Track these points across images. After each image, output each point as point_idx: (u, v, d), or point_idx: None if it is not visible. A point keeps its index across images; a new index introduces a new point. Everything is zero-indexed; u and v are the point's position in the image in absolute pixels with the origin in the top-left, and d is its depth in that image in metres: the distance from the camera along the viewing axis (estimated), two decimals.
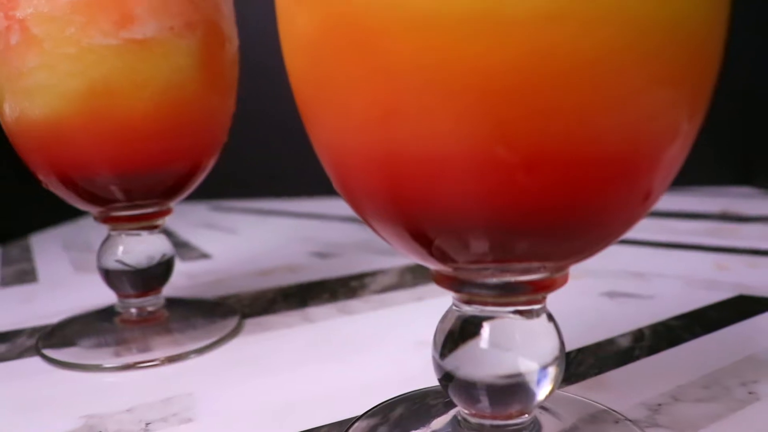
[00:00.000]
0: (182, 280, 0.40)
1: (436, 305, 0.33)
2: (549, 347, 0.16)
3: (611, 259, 0.40)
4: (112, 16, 0.24)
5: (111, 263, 0.29)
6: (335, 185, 0.16)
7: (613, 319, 0.30)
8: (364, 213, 0.16)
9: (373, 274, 0.40)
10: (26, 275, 0.44)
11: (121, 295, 0.30)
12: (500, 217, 0.13)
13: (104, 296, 0.36)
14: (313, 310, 0.33)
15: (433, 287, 0.37)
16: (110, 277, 0.30)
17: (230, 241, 0.52)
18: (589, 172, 0.12)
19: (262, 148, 0.63)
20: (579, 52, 0.11)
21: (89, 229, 0.61)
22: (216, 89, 0.27)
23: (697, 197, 0.63)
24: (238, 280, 0.40)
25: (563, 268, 0.16)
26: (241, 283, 0.39)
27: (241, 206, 0.67)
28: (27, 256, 0.50)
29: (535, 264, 0.15)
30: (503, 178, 0.12)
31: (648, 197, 0.14)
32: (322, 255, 0.46)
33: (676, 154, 0.14)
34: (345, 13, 0.12)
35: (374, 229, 0.16)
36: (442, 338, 0.17)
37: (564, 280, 0.16)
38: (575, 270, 0.37)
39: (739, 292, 0.34)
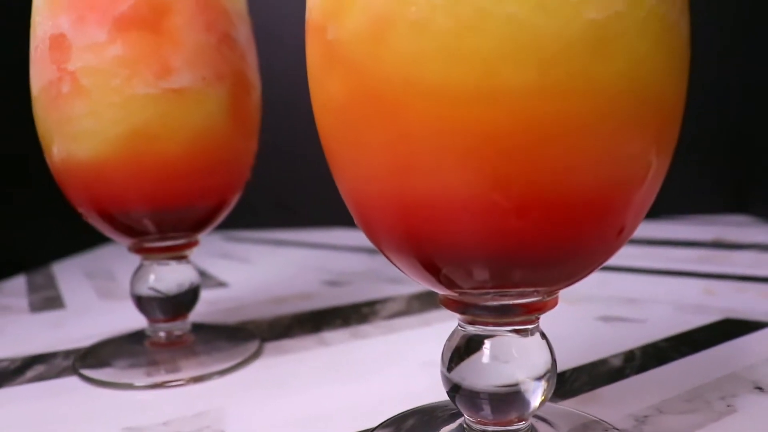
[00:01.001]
0: (202, 307, 0.42)
1: (441, 329, 0.36)
2: (542, 361, 0.18)
3: (607, 285, 0.43)
4: (152, 68, 0.27)
5: (144, 290, 0.32)
6: (357, 222, 0.19)
7: (606, 341, 0.32)
8: (381, 246, 0.19)
9: (382, 301, 0.43)
10: (53, 302, 0.47)
11: (152, 319, 0.33)
12: (498, 251, 0.16)
13: (130, 321, 0.39)
14: (328, 335, 0.36)
15: (438, 313, 0.39)
16: (142, 303, 0.32)
17: (245, 270, 0.54)
18: (570, 214, 0.15)
19: (272, 180, 0.66)
20: (562, 117, 0.14)
21: (108, 258, 0.64)
22: (242, 133, 0.30)
23: (691, 225, 0.66)
24: (255, 307, 0.42)
25: (553, 293, 0.18)
26: (258, 309, 0.42)
27: (254, 236, 0.70)
28: (51, 283, 0.53)
29: (529, 289, 0.17)
30: (500, 220, 0.15)
31: (621, 232, 0.17)
32: (333, 283, 0.48)
33: (644, 196, 0.16)
34: (369, 85, 0.15)
35: (390, 260, 0.19)
36: (449, 354, 0.19)
37: (554, 303, 0.19)
38: (573, 296, 0.40)
39: (726, 315, 0.36)
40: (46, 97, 0.28)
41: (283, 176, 0.64)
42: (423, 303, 0.42)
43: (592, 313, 0.37)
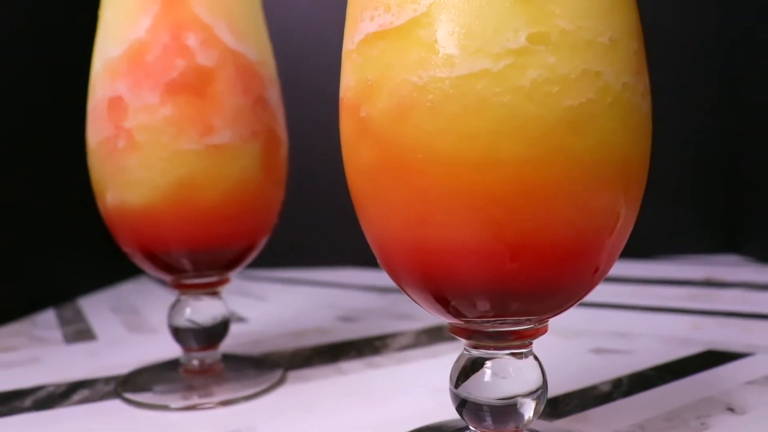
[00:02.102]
0: (227, 339, 0.46)
1: (448, 360, 0.40)
2: (534, 378, 0.22)
3: (600, 321, 0.47)
4: (197, 127, 0.32)
5: (181, 322, 0.36)
6: (380, 263, 0.23)
7: (597, 370, 0.36)
8: (400, 283, 0.23)
9: (393, 335, 0.46)
10: (85, 334, 0.51)
11: (186, 349, 0.37)
12: (497, 287, 0.20)
13: (160, 352, 0.43)
14: (344, 365, 0.40)
15: (444, 346, 0.43)
16: (179, 333, 0.36)
17: (263, 307, 0.58)
18: (553, 257, 0.19)
19: (285, 222, 0.70)
20: (547, 181, 0.18)
21: (130, 294, 0.67)
22: (272, 183, 0.35)
23: (683, 265, 0.70)
24: (275, 340, 0.46)
25: (543, 321, 0.22)
26: (279, 342, 0.45)
27: (269, 275, 0.73)
28: (80, 317, 0.57)
29: (523, 318, 0.21)
30: (498, 263, 0.19)
31: (596, 272, 0.21)
32: (346, 319, 0.52)
33: (614, 242, 0.20)
34: (394, 154, 0.19)
35: (407, 294, 0.23)
36: (456, 374, 0.23)
37: (544, 330, 0.22)
38: (568, 331, 0.44)
39: (708, 347, 0.40)
40: (103, 150, 0.33)
41: (295, 219, 0.69)
42: (430, 337, 0.45)
43: (585, 346, 0.41)
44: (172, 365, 0.39)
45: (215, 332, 0.36)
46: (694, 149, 0.76)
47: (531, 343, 0.23)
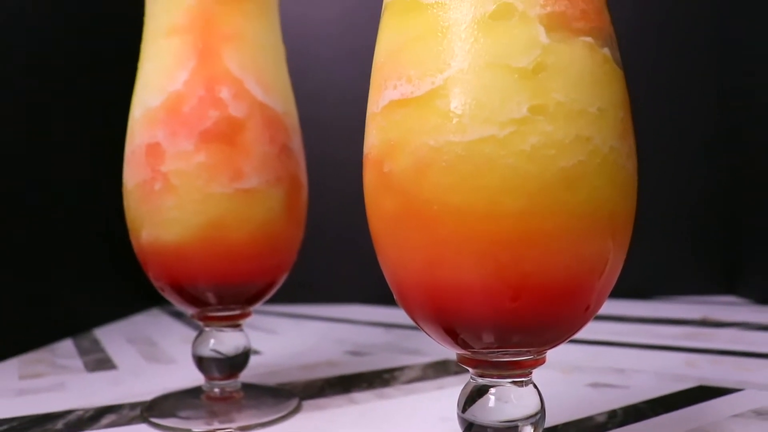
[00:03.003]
0: (244, 370, 0.49)
1: (453, 392, 0.43)
2: (533, 404, 0.25)
3: (598, 357, 0.50)
4: (227, 173, 0.35)
5: (206, 352, 0.39)
6: (397, 299, 0.26)
7: (593, 403, 0.39)
8: (414, 317, 0.26)
9: (401, 368, 0.49)
10: (105, 363, 0.54)
11: (209, 377, 0.40)
12: (500, 323, 0.23)
13: (180, 381, 0.46)
14: (356, 395, 0.43)
15: (450, 379, 0.46)
16: (203, 362, 0.39)
17: (275, 341, 0.61)
18: (549, 297, 0.22)
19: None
20: (543, 230, 0.22)
21: (144, 326, 0.71)
22: (293, 224, 0.38)
23: (682, 305, 0.73)
24: (288, 372, 0.49)
25: (541, 353, 0.25)
26: (292, 374, 0.49)
27: (279, 310, 0.77)
28: (98, 347, 0.60)
29: (523, 349, 0.25)
30: (501, 301, 0.22)
31: (587, 309, 0.24)
32: (356, 353, 0.55)
33: (603, 283, 0.24)
34: (413, 205, 0.23)
35: (420, 327, 0.26)
36: (463, 399, 0.26)
37: (543, 361, 0.26)
38: (567, 366, 0.47)
39: (701, 383, 0.43)
40: (140, 192, 0.36)
41: (303, 257, 0.72)
42: (437, 371, 0.48)
43: (583, 381, 0.44)
44: (194, 392, 0.42)
45: (237, 362, 0.39)
46: (692, 194, 0.79)
47: (531, 373, 0.26)
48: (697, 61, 0.79)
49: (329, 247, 0.78)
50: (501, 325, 0.24)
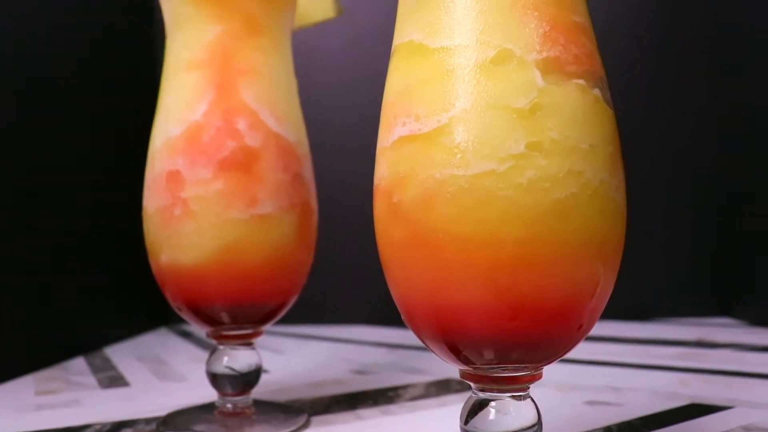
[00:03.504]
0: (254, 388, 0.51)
1: (455, 409, 0.44)
2: (530, 416, 0.27)
3: (595, 377, 0.52)
4: (244, 199, 0.37)
5: (220, 368, 0.41)
6: (404, 319, 0.28)
7: (589, 420, 0.41)
8: (420, 335, 0.28)
9: (404, 387, 0.51)
10: (118, 380, 0.56)
11: (222, 393, 0.42)
12: (500, 341, 0.26)
13: (191, 397, 0.48)
14: (362, 412, 0.45)
15: (452, 397, 0.48)
16: (217, 379, 0.41)
17: (281, 360, 0.63)
18: (544, 317, 0.25)
19: None
20: (539, 256, 0.24)
21: (153, 345, 0.73)
22: (305, 248, 0.40)
23: (678, 327, 0.75)
24: (296, 390, 0.51)
25: (538, 369, 0.28)
26: (299, 392, 0.51)
27: (284, 331, 0.79)
28: (110, 365, 0.62)
29: (521, 365, 0.27)
30: (501, 321, 0.24)
31: (580, 328, 0.26)
32: (361, 372, 0.57)
33: (595, 304, 0.26)
34: (420, 233, 0.25)
35: (426, 344, 0.28)
36: (466, 413, 0.28)
37: (539, 376, 0.28)
38: (564, 385, 0.49)
39: (693, 401, 0.45)
40: (160, 217, 0.39)
41: (309, 279, 0.75)
42: (439, 389, 0.50)
43: (579, 398, 0.46)
44: (207, 408, 0.44)
45: (249, 379, 0.41)
46: (689, 219, 0.82)
47: (528, 387, 0.28)
48: (696, 88, 0.81)
49: (334, 271, 0.80)
50: (500, 343, 0.26)
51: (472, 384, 0.28)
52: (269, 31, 0.40)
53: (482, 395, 0.28)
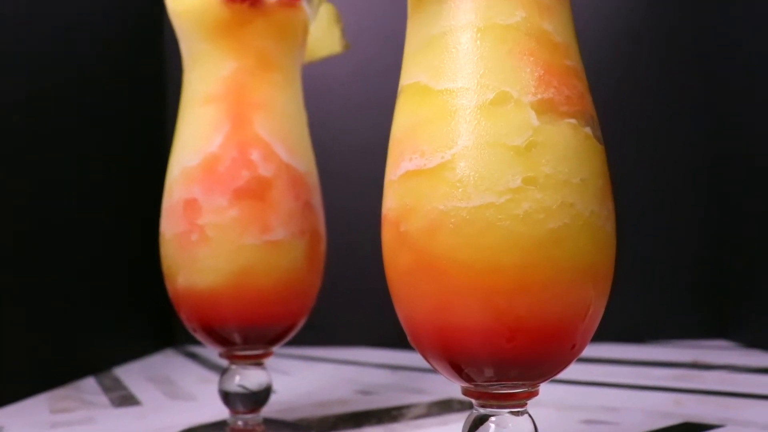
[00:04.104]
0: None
1: (456, 427, 0.47)
2: (527, 430, 0.30)
3: (592, 397, 0.54)
4: (257, 226, 0.40)
5: (232, 387, 0.43)
6: (410, 339, 0.31)
7: None
8: (425, 354, 0.30)
9: (407, 407, 0.53)
10: (130, 399, 0.58)
11: (234, 411, 0.44)
12: (499, 360, 0.28)
13: (202, 415, 0.50)
14: (367, 430, 0.47)
15: (453, 416, 0.50)
16: (229, 397, 0.43)
17: (287, 380, 0.65)
18: (539, 337, 0.27)
19: None
20: (535, 281, 0.26)
21: (161, 366, 0.75)
22: (314, 273, 0.43)
23: (674, 348, 0.77)
24: (303, 409, 0.53)
25: (535, 386, 0.30)
26: (306, 411, 0.53)
27: (289, 352, 0.81)
28: (120, 385, 0.64)
29: (519, 383, 0.29)
30: (500, 341, 0.27)
31: (573, 348, 0.28)
32: (365, 392, 0.59)
33: (587, 325, 0.28)
34: (425, 260, 0.27)
35: (430, 363, 0.31)
36: (467, 427, 0.30)
37: (536, 393, 0.30)
38: (562, 404, 0.51)
39: (686, 420, 0.47)
40: (178, 242, 0.41)
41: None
42: (440, 408, 0.52)
43: (576, 418, 0.48)
44: (219, 426, 0.46)
45: (260, 397, 0.44)
46: (685, 244, 0.84)
47: (526, 404, 0.30)
48: (689, 116, 0.84)
49: (338, 294, 0.82)
50: (499, 362, 0.28)
51: (473, 400, 0.31)
52: (281, 67, 0.43)
53: (483, 411, 0.30)
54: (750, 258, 0.77)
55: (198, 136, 0.41)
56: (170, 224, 0.42)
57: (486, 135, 0.27)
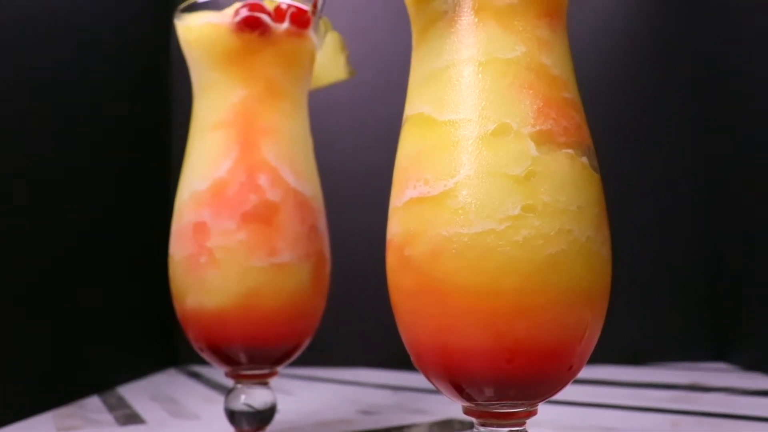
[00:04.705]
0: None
1: None
2: None
3: (591, 418, 0.55)
4: (264, 249, 0.41)
5: (238, 406, 0.44)
6: (413, 359, 0.32)
7: None
8: (427, 374, 0.32)
9: (409, 426, 0.55)
10: (134, 418, 0.59)
11: (239, 429, 0.45)
12: (498, 380, 0.29)
13: None
14: None
15: None
16: (235, 415, 0.45)
17: (290, 400, 0.66)
18: (537, 358, 0.28)
19: None
20: (534, 305, 0.28)
21: (163, 385, 0.76)
22: (318, 294, 0.44)
23: (674, 371, 0.78)
24: (306, 429, 0.54)
25: (533, 405, 0.31)
26: (308, 430, 0.54)
27: (292, 373, 0.82)
28: (125, 404, 0.65)
29: (518, 402, 0.30)
30: (499, 362, 0.28)
31: (570, 369, 0.30)
32: (367, 413, 0.60)
33: (584, 347, 0.30)
34: (428, 283, 0.29)
35: (432, 382, 0.32)
36: None
37: (535, 412, 0.31)
38: (562, 425, 0.52)
39: None
40: (187, 264, 0.42)
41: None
42: (442, 428, 0.53)
43: None
44: None
45: (265, 416, 0.45)
46: (684, 267, 0.85)
47: (525, 422, 0.32)
48: (687, 137, 0.86)
49: (337, 316, 0.83)
50: (499, 382, 0.29)
51: (473, 420, 0.32)
52: (289, 95, 0.45)
53: (483, 430, 0.32)
54: (749, 281, 0.78)
55: (207, 161, 0.43)
56: (179, 246, 0.43)
57: (487, 164, 0.29)
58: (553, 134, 0.30)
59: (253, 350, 0.43)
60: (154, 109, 0.87)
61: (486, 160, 0.29)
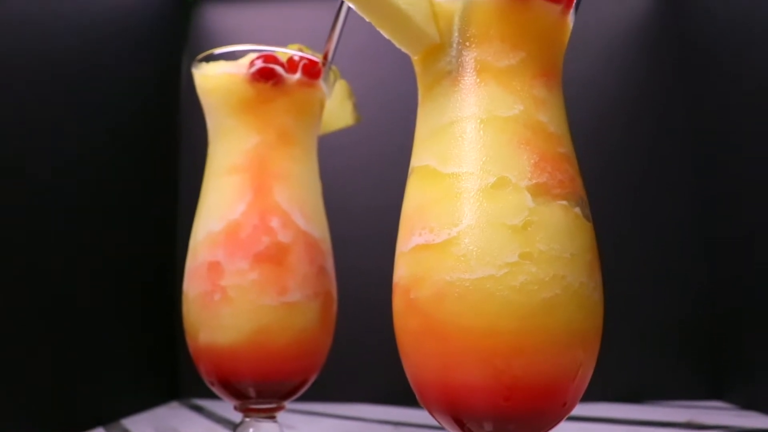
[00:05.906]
0: None
1: None
2: None
3: None
4: (275, 288, 0.44)
5: None
6: (416, 395, 0.35)
7: None
8: (430, 409, 0.34)
9: None
10: None
11: None
12: (497, 415, 0.32)
13: None
14: None
15: None
16: None
17: None
18: (534, 395, 0.31)
19: None
20: (529, 346, 0.31)
21: (167, 417, 0.78)
22: (326, 332, 0.47)
23: (670, 408, 0.80)
24: None
25: None
26: None
27: (294, 407, 0.84)
28: None
29: None
30: (498, 399, 0.31)
31: (564, 405, 0.32)
32: None
33: (578, 383, 0.32)
34: (432, 324, 0.32)
35: (434, 416, 0.34)
36: None
37: None
38: None
39: None
40: (201, 301, 0.45)
41: None
42: None
43: None
44: None
45: None
46: (681, 307, 0.88)
47: None
48: (684, 187, 0.89)
49: (337, 352, 0.86)
50: (498, 417, 0.32)
51: None
52: (300, 141, 0.48)
53: None
54: (745, 321, 0.80)
55: (222, 204, 0.46)
56: (194, 284, 0.46)
57: (487, 215, 0.32)
58: (549, 187, 0.33)
59: (262, 385, 0.46)
60: (163, 154, 0.90)
61: (486, 211, 0.32)
